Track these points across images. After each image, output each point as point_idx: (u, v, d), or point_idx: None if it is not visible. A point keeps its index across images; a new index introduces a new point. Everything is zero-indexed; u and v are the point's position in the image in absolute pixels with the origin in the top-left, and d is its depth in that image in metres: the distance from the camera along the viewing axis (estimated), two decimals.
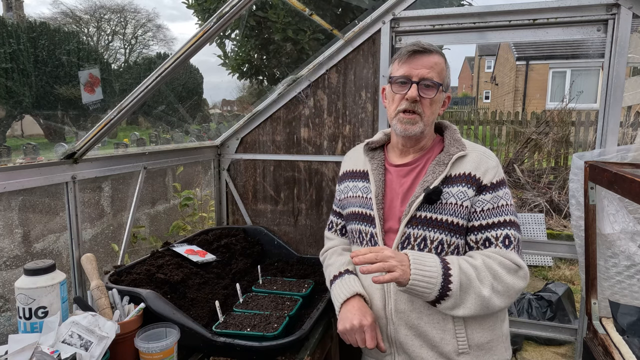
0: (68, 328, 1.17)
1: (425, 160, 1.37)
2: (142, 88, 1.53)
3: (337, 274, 1.43)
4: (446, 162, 1.31)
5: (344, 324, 1.28)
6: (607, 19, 1.74)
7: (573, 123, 7.51)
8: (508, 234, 1.25)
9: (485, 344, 1.29)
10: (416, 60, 1.30)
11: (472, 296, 1.17)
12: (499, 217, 1.27)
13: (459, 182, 1.29)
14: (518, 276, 1.22)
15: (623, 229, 1.65)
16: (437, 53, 1.32)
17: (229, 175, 2.42)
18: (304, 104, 2.24)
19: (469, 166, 1.30)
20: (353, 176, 1.50)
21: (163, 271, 1.66)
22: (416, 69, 1.29)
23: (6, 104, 15.35)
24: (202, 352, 1.39)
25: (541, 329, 2.12)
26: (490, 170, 1.30)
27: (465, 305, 1.18)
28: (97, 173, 1.67)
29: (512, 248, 1.24)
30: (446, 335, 1.27)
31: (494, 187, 1.29)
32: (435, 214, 1.27)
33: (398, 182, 1.38)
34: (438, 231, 1.27)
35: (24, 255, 1.67)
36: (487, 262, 1.21)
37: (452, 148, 1.34)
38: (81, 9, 25.74)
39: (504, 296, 1.20)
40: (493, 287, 1.19)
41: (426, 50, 1.30)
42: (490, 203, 1.27)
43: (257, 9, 6.07)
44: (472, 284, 1.17)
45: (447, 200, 1.27)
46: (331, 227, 1.64)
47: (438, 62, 1.30)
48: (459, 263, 1.20)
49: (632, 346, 1.57)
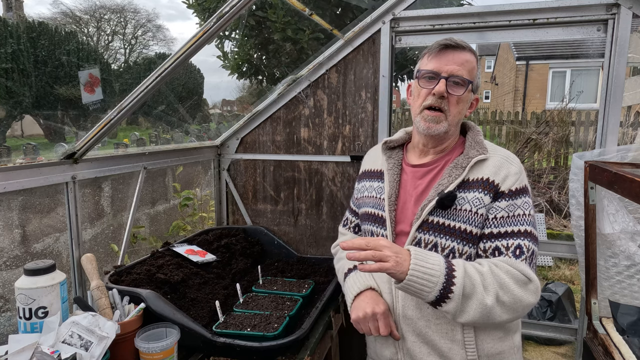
0: (68, 328, 1.16)
1: (444, 162, 1.31)
2: (142, 88, 1.53)
3: (351, 267, 1.42)
4: (464, 165, 1.24)
5: (357, 313, 1.27)
6: (607, 19, 1.74)
7: (573, 123, 7.51)
8: (520, 244, 1.17)
9: (496, 355, 1.25)
10: (447, 55, 1.24)
11: (475, 303, 1.10)
12: (512, 227, 1.19)
13: (475, 187, 1.22)
14: (527, 289, 1.13)
15: (623, 229, 1.65)
16: (470, 50, 1.26)
17: (229, 175, 2.42)
18: (304, 104, 2.24)
19: (488, 171, 1.23)
20: (370, 176, 1.47)
21: (163, 271, 1.65)
22: (446, 64, 1.23)
23: (6, 104, 15.35)
24: (202, 352, 1.39)
25: (541, 329, 2.13)
26: (510, 177, 1.22)
27: (466, 312, 1.11)
28: (97, 173, 1.67)
29: (523, 259, 1.15)
30: (454, 345, 1.23)
31: (512, 195, 1.21)
32: (448, 220, 1.22)
33: (413, 184, 1.33)
34: (450, 238, 1.21)
35: (24, 255, 1.67)
36: (494, 269, 1.14)
37: (472, 151, 1.27)
38: (81, 9, 25.78)
39: (509, 309, 1.12)
40: (498, 297, 1.11)
41: (458, 45, 1.24)
42: (505, 211, 1.20)
43: (257, 8, 6.07)
44: (476, 289, 1.10)
45: (461, 206, 1.21)
46: (346, 223, 1.63)
47: (469, 60, 1.25)
48: (464, 266, 1.13)
49: (632, 346, 1.57)
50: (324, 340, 1.61)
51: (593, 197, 1.68)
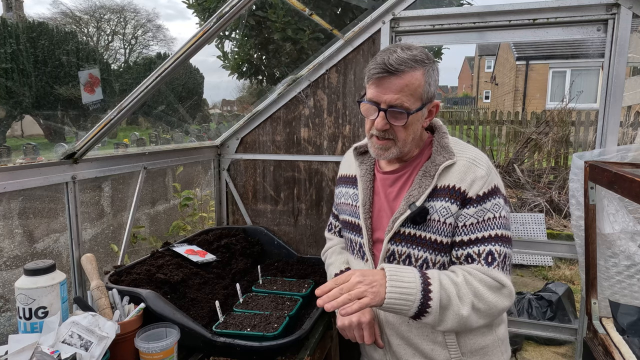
0: (68, 328, 1.16)
1: (412, 168, 1.28)
2: (142, 88, 1.53)
3: (337, 273, 1.43)
4: (432, 173, 1.21)
5: (343, 321, 1.29)
6: (607, 19, 1.74)
7: (573, 123, 7.51)
8: (492, 250, 1.16)
9: (480, 350, 1.27)
10: (384, 83, 1.15)
11: (451, 314, 1.11)
12: (482, 232, 1.17)
13: (443, 195, 1.20)
14: (502, 294, 1.14)
15: (623, 229, 1.65)
16: (409, 69, 1.13)
17: (229, 175, 2.42)
18: (304, 104, 2.24)
19: (454, 177, 1.20)
20: (345, 181, 1.46)
21: (163, 271, 1.65)
22: (384, 93, 1.15)
23: (6, 104, 15.36)
24: (202, 352, 1.39)
25: (541, 329, 2.12)
26: (477, 181, 1.18)
27: (445, 322, 1.12)
28: (97, 173, 1.67)
29: (495, 265, 1.15)
30: (436, 346, 1.25)
31: (480, 200, 1.18)
32: (419, 231, 1.21)
33: (384, 191, 1.31)
34: (422, 249, 1.22)
35: (24, 255, 1.68)
36: (468, 278, 1.14)
37: (439, 157, 1.23)
38: (81, 9, 25.78)
39: (485, 315, 1.14)
40: (473, 306, 1.12)
41: (395, 71, 1.12)
42: (474, 217, 1.18)
43: (257, 8, 6.07)
44: (451, 301, 1.11)
45: (431, 216, 1.19)
46: (330, 228, 1.65)
47: (409, 83, 1.14)
48: (439, 278, 1.13)
49: (632, 346, 1.57)
50: (324, 340, 1.61)
51: (593, 197, 1.68)
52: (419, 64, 1.15)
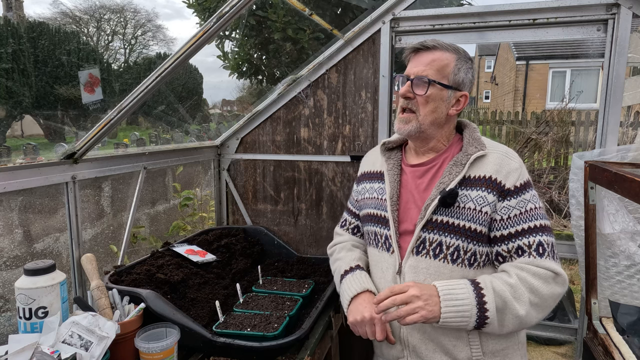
0: (68, 328, 1.16)
1: (442, 160, 1.32)
2: (142, 88, 1.53)
3: (347, 269, 1.42)
4: (464, 162, 1.25)
5: (355, 316, 1.28)
6: (607, 19, 1.74)
7: (573, 123, 7.51)
8: (541, 241, 1.19)
9: (500, 351, 1.27)
10: (416, 58, 1.28)
11: (510, 317, 1.14)
12: (528, 223, 1.20)
13: (478, 185, 1.23)
14: (556, 283, 1.17)
15: (623, 229, 1.65)
16: (441, 49, 1.26)
17: (229, 175, 2.42)
18: (304, 104, 2.24)
19: (489, 168, 1.23)
20: (370, 177, 1.48)
21: (163, 271, 1.66)
22: (415, 66, 1.27)
23: (6, 104, 15.35)
24: (202, 352, 1.39)
25: (541, 329, 2.13)
26: (513, 173, 1.23)
27: (505, 326, 1.14)
28: (97, 173, 1.67)
29: (546, 256, 1.18)
30: (459, 342, 1.25)
31: (518, 191, 1.22)
32: (452, 219, 1.22)
33: (414, 183, 1.34)
34: (455, 236, 1.22)
35: (24, 255, 1.67)
36: (522, 275, 1.16)
37: (471, 147, 1.27)
38: (81, 9, 25.79)
39: (542, 308, 1.16)
40: (531, 302, 1.14)
41: (426, 47, 1.26)
42: (517, 209, 1.21)
43: (257, 8, 6.08)
44: (507, 305, 1.13)
45: (465, 204, 1.22)
46: (344, 224, 1.62)
47: (437, 58, 1.25)
48: (492, 285, 1.14)
49: (632, 346, 1.57)
50: (324, 340, 1.61)
51: (593, 197, 1.68)
52: (452, 49, 1.27)
